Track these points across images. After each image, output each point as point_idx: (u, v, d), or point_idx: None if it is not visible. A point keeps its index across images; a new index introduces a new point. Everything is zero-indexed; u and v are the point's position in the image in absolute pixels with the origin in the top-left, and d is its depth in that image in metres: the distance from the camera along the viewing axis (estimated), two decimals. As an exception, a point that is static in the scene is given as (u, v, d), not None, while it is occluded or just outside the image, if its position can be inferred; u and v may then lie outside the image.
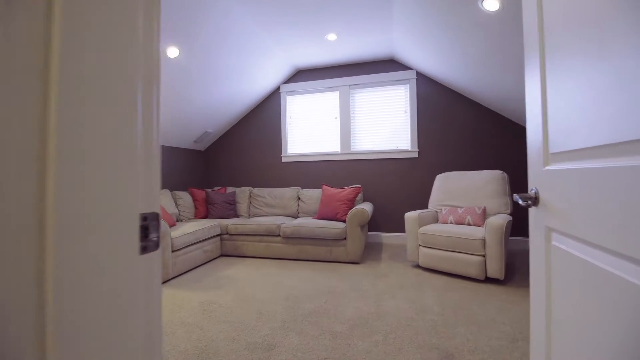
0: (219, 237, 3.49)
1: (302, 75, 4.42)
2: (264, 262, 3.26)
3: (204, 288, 2.53)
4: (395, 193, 4.10)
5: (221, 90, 3.75)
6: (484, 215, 2.97)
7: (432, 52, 3.28)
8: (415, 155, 4.01)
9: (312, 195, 3.91)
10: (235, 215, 3.99)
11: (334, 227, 3.16)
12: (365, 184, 4.21)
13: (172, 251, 2.76)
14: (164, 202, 3.46)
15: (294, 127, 4.47)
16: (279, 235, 3.35)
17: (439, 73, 3.67)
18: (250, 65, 3.63)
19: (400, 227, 4.08)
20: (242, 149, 4.68)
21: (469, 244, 2.60)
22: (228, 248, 3.50)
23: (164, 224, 2.63)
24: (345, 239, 3.17)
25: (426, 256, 2.88)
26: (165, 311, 2.11)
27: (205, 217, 3.86)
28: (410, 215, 3.02)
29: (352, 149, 4.24)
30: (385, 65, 4.11)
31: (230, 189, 4.28)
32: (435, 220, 3.26)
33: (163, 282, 2.65)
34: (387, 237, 4.13)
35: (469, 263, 2.62)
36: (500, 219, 2.53)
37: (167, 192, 3.64)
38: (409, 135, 4.05)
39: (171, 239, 2.74)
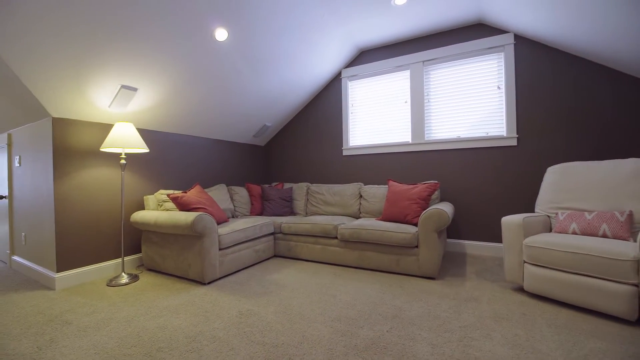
0: (272, 236, 3.21)
1: (365, 56, 3.88)
2: (318, 268, 2.85)
3: (248, 294, 2.23)
4: (484, 191, 3.25)
5: (275, 77, 3.47)
6: (631, 223, 2.01)
7: (547, 1, 2.41)
8: (514, 142, 3.10)
9: (376, 193, 3.35)
10: (292, 212, 3.68)
11: (403, 231, 2.56)
12: (442, 180, 3.45)
13: (220, 249, 2.55)
14: (218, 196, 3.33)
15: (357, 116, 3.97)
16: (336, 238, 2.89)
17: (553, 32, 2.73)
18: (305, 47, 3.27)
19: (490, 235, 3.22)
20: (301, 142, 4.38)
21: (612, 266, 1.73)
22: (281, 249, 3.19)
23: (209, 220, 2.42)
24: (417, 246, 2.54)
25: (535, 278, 2.07)
26: (202, 319, 1.84)
27: (261, 214, 3.64)
28: (510, 221, 2.23)
29: (425, 138, 3.54)
30: (469, 32, 3.30)
31: (287, 185, 4.00)
32: (547, 228, 2.38)
33: (209, 283, 2.45)
34: (473, 247, 3.30)
35: (609, 294, 1.75)
36: (673, 232, 1.61)
37: (222, 186, 3.52)
38: (504, 118, 3.16)
39: (218, 236, 2.52)
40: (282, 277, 2.58)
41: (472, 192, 3.30)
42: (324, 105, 4.19)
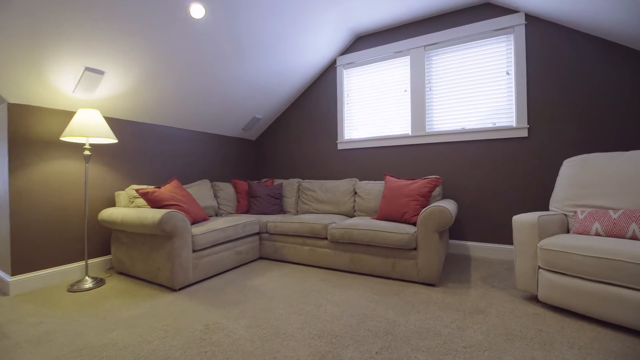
0: (257, 237, 2.93)
1: (362, 42, 3.59)
2: (305, 272, 2.56)
3: (221, 302, 1.95)
4: (491, 188, 2.95)
5: (264, 64, 3.19)
6: (669, 224, 1.71)
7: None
8: (524, 134, 2.80)
9: (371, 189, 3.07)
10: (281, 211, 3.40)
11: (400, 231, 2.27)
12: (445, 176, 3.16)
13: (194, 251, 2.28)
14: (200, 193, 3.06)
15: (353, 107, 3.68)
16: (326, 239, 2.61)
17: (569, 9, 2.42)
18: (296, 31, 2.99)
19: (498, 236, 2.93)
20: (293, 136, 4.10)
21: (649, 275, 1.44)
22: (267, 250, 2.91)
23: (180, 218, 2.15)
24: (415, 249, 2.25)
25: (552, 286, 1.77)
26: (160, 334, 1.57)
27: (247, 212, 3.36)
28: (523, 220, 1.94)
29: (427, 130, 3.24)
30: (475, 13, 3.00)
31: (277, 181, 3.72)
32: (565, 228, 2.09)
33: (180, 289, 2.18)
34: (479, 249, 3.01)
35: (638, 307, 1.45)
36: None
37: (205, 182, 3.25)
38: (514, 107, 2.86)
39: (192, 236, 2.25)
40: (263, 283, 2.30)
41: (478, 188, 3.00)
42: (318, 96, 3.90)
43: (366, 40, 3.57)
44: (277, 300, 1.97)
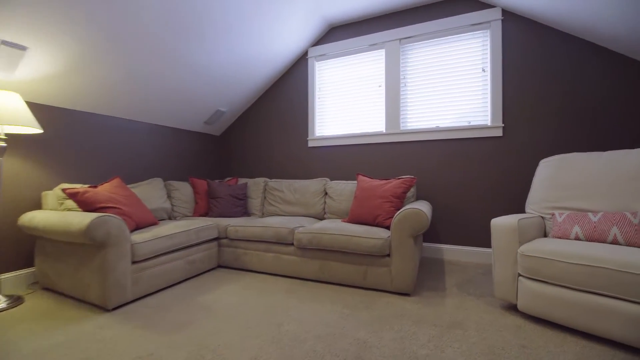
0: (216, 243, 2.61)
1: (335, 33, 3.37)
2: (269, 282, 2.29)
3: (162, 326, 1.64)
4: (465, 188, 2.84)
5: (227, 51, 2.87)
6: (649, 228, 1.63)
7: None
8: (499, 133, 2.71)
9: (343, 190, 2.85)
10: (245, 213, 3.09)
11: (373, 236, 2.07)
12: (419, 175, 3.02)
13: (135, 262, 1.93)
14: (149, 193, 2.68)
15: (325, 102, 3.45)
16: (292, 244, 2.35)
17: (546, 6, 2.34)
18: (262, 15, 2.70)
19: (472, 239, 2.82)
20: (261, 132, 3.80)
21: (635, 282, 1.32)
22: (227, 257, 2.60)
23: (115, 224, 1.80)
24: (389, 255, 2.06)
25: (533, 295, 1.64)
26: (73, 372, 1.23)
27: (206, 214, 3.03)
28: (502, 224, 1.80)
29: (401, 128, 3.08)
30: (451, 6, 2.88)
31: (242, 180, 3.41)
32: (542, 232, 1.98)
33: (114, 308, 1.83)
34: (452, 252, 2.89)
35: (628, 318, 1.34)
36: None
37: (157, 181, 2.87)
38: (489, 105, 2.77)
39: (132, 245, 1.90)
40: (218, 298, 2.00)
41: (452, 188, 2.88)
42: (288, 89, 3.63)
43: (340, 31, 3.35)
44: (231, 321, 1.68)
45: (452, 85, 2.89)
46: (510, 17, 2.67)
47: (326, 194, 2.96)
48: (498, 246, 1.81)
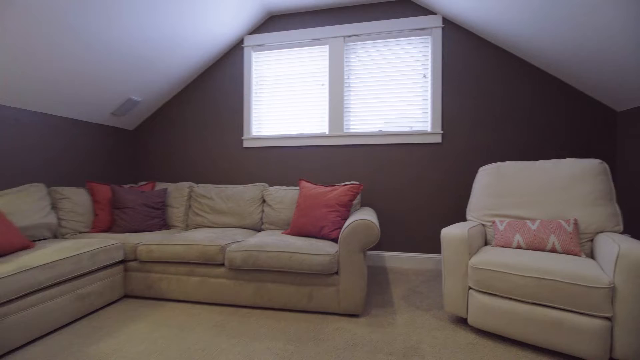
0: (121, 267, 2.05)
1: (276, 23, 3.05)
2: (192, 314, 1.86)
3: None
4: (406, 194, 2.80)
5: (138, 25, 2.32)
6: (578, 233, 1.71)
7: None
8: (438, 139, 2.73)
9: (283, 197, 2.54)
10: (163, 225, 2.55)
11: (319, 251, 1.81)
12: (363, 181, 2.89)
13: (-19, 309, 1.32)
14: (19, 205, 1.98)
15: (263, 97, 3.10)
16: (223, 265, 1.96)
17: (481, 19, 2.41)
18: (186, -15, 2.23)
19: (412, 245, 2.79)
20: (187, 127, 3.25)
21: (584, 294, 1.32)
22: (137, 285, 2.06)
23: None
24: (336, 273, 1.83)
25: (484, 310, 1.58)
26: None
27: (109, 229, 2.40)
28: (452, 235, 1.71)
29: (344, 131, 2.92)
30: (395, 9, 2.81)
31: (161, 186, 2.83)
32: (484, 240, 1.98)
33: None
34: (393, 259, 2.82)
35: (576, 330, 1.34)
36: (633, 245, 1.27)
37: (36, 187, 2.16)
38: (429, 112, 2.77)
39: (-25, 284, 1.29)
40: (118, 346, 1.50)
41: (394, 194, 2.82)
42: (220, 81, 3.17)
43: (281, 21, 3.03)
44: (133, 381, 1.24)
45: (395, 89, 2.82)
46: (450, 26, 2.71)
47: (264, 201, 2.62)
48: (448, 258, 1.72)
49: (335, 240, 2.08)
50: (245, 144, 3.08)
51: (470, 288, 1.67)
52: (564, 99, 2.53)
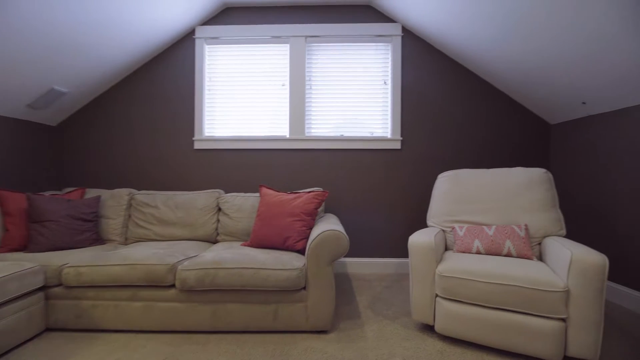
0: (41, 295, 1.68)
1: (232, 15, 2.82)
2: (135, 347, 1.59)
3: None
4: (366, 199, 2.80)
5: (68, 5, 1.93)
6: (529, 238, 1.84)
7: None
8: (398, 146, 2.78)
9: (242, 205, 2.35)
10: (96, 240, 2.17)
11: (285, 266, 1.68)
12: (324, 186, 2.82)
13: None
14: None
15: (217, 95, 2.85)
16: (174, 287, 1.71)
17: (438, 31, 2.50)
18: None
19: (374, 250, 2.81)
20: (126, 125, 2.84)
21: (540, 297, 1.40)
22: (63, 315, 1.70)
23: None
24: (304, 288, 1.71)
25: (451, 317, 1.60)
26: None
27: (24, 248, 1.97)
28: (420, 244, 1.71)
29: (306, 134, 2.82)
30: (357, 13, 2.80)
31: (92, 192, 2.42)
32: (445, 245, 2.04)
33: None
34: (354, 265, 2.80)
35: (534, 332, 1.42)
36: (584, 252, 1.39)
37: None
38: (389, 118, 2.81)
39: None
40: (36, 399, 1.20)
41: (355, 200, 2.80)
42: (167, 74, 2.83)
43: (237, 14, 2.82)
44: None
45: (357, 93, 2.81)
46: (409, 36, 2.78)
47: (220, 210, 2.39)
48: (417, 267, 1.72)
49: (300, 251, 1.96)
50: (197, 145, 2.80)
51: (437, 296, 1.68)
52: (510, 112, 2.75)
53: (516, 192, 1.98)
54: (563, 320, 1.39)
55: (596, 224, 2.28)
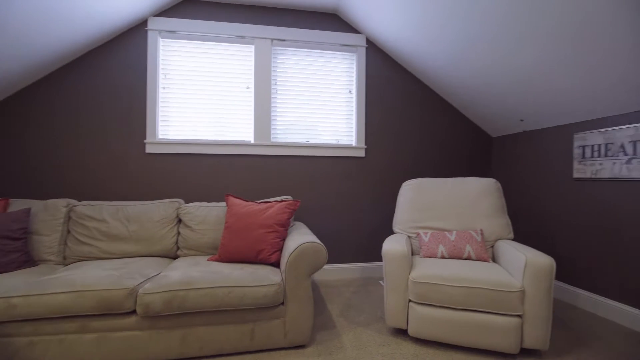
0: (-49, 336, 1.34)
1: (191, 9, 2.61)
2: (90, 385, 1.36)
3: None
4: (333, 206, 2.83)
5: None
6: (484, 242, 2.05)
7: (401, 10, 2.18)
8: (362, 154, 2.86)
9: (206, 216, 2.18)
10: (26, 262, 1.82)
11: (262, 282, 1.60)
12: (291, 194, 2.77)
13: None
14: None
15: (173, 94, 2.61)
16: (133, 313, 1.51)
17: (399, 46, 2.63)
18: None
19: (340, 256, 2.84)
20: (62, 123, 2.44)
21: (501, 298, 1.57)
22: (-16, 358, 1.39)
23: None
24: (282, 303, 1.65)
25: (423, 320, 1.70)
26: None
27: None
28: (394, 251, 1.78)
29: (272, 140, 2.74)
30: (324, 21, 2.81)
31: (19, 205, 2.02)
32: (411, 251, 2.15)
33: None
34: (322, 272, 2.81)
35: (495, 328, 1.58)
36: (536, 256, 1.60)
37: None
38: (354, 126, 2.87)
39: None
40: None
41: (321, 206, 2.81)
42: (113, 67, 2.50)
43: (198, 7, 2.61)
44: None
45: (323, 100, 2.82)
46: (373, 47, 2.88)
47: (180, 221, 2.18)
48: (392, 274, 1.78)
49: (274, 264, 1.89)
50: (149, 149, 2.53)
51: (410, 301, 1.77)
52: (460, 125, 3.02)
53: (472, 200, 2.18)
54: (519, 316, 1.57)
55: (529, 225, 2.63)
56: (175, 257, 2.13)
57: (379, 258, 2.89)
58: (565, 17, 1.64)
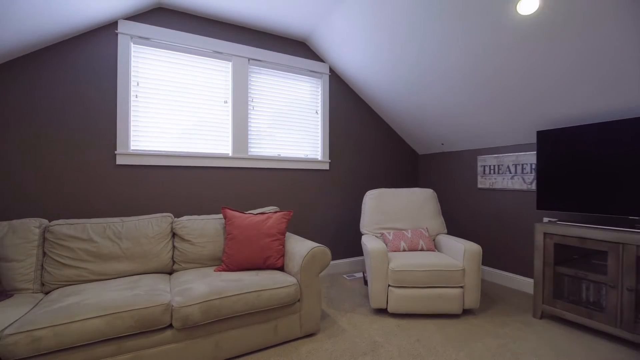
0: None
1: (166, 18, 2.55)
2: (136, 404, 1.38)
3: None
4: (305, 214, 3.17)
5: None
6: (430, 236, 2.74)
7: (359, 49, 2.72)
8: (327, 167, 3.29)
9: (203, 229, 2.23)
10: None
11: (283, 284, 1.85)
12: (266, 203, 2.98)
13: None
14: None
15: (146, 103, 2.50)
16: (169, 327, 1.56)
17: (355, 78, 3.17)
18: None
19: (312, 258, 3.19)
20: (22, 132, 2.07)
21: (451, 276, 2.23)
22: (-3, 403, 1.24)
23: None
24: (299, 300, 1.93)
25: (399, 299, 2.24)
26: None
27: None
28: (377, 249, 2.27)
29: (249, 153, 2.90)
30: (295, 48, 3.13)
31: (-30, 228, 1.69)
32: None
33: None
34: (296, 274, 3.11)
35: (448, 298, 2.24)
36: (471, 245, 2.34)
37: None
38: (320, 142, 3.28)
39: None
40: None
41: (294, 214, 3.11)
42: (78, 69, 2.25)
43: (173, 17, 2.57)
44: None
45: (294, 118, 3.13)
46: (335, 75, 3.35)
47: (175, 235, 2.17)
48: (376, 266, 2.27)
49: (280, 268, 2.14)
50: (120, 160, 2.37)
51: (389, 285, 2.28)
52: (398, 144, 3.76)
53: (419, 205, 2.87)
54: (462, 287, 2.26)
55: (449, 223, 3.53)
56: (170, 272, 2.12)
57: (340, 256, 3.36)
58: (488, 71, 2.44)
